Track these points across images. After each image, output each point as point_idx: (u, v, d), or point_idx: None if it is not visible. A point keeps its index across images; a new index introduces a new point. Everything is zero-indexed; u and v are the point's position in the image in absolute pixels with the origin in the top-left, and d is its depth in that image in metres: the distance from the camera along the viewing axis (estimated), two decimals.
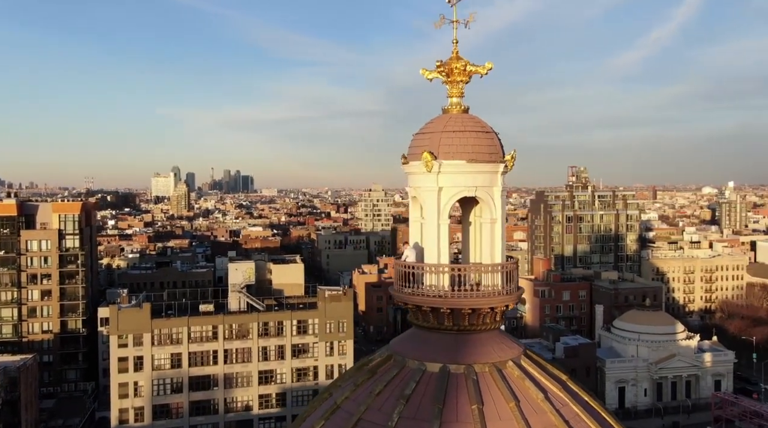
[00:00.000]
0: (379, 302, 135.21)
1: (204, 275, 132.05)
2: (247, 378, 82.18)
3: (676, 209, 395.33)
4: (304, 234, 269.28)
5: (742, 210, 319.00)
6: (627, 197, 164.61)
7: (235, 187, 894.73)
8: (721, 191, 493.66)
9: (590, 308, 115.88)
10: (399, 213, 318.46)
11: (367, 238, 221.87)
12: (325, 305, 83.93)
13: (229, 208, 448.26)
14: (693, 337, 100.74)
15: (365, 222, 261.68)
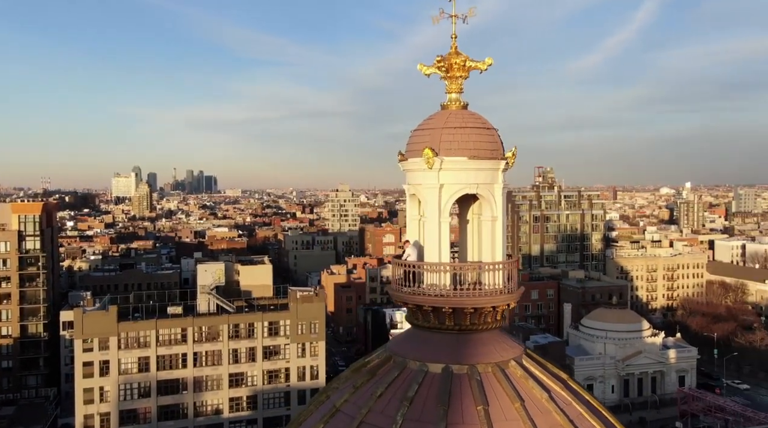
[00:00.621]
0: (348, 302, 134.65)
1: (170, 276, 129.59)
2: (218, 381, 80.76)
3: (635, 209, 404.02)
4: (270, 235, 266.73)
5: (700, 210, 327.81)
6: (592, 197, 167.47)
7: (198, 187, 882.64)
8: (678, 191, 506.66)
9: (558, 306, 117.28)
10: (365, 214, 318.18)
11: (334, 238, 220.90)
12: (296, 307, 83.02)
13: (192, 209, 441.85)
14: (658, 334, 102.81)
15: (332, 223, 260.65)
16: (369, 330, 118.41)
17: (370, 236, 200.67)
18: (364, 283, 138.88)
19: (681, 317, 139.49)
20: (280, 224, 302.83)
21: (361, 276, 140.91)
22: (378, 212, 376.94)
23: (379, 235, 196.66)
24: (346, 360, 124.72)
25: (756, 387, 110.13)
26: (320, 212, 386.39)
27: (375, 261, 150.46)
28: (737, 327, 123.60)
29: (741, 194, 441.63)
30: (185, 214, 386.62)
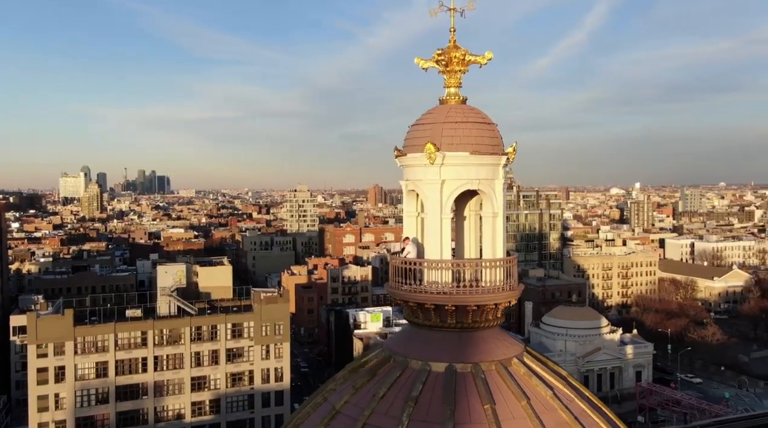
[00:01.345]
0: (309, 303, 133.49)
1: (126, 279, 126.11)
2: (179, 385, 78.81)
3: (587, 209, 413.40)
4: (227, 236, 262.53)
5: (649, 210, 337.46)
6: (550, 197, 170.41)
7: (151, 188, 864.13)
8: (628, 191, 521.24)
9: (519, 305, 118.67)
10: (323, 214, 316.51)
11: (293, 239, 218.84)
12: (260, 308, 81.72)
13: (145, 209, 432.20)
14: (616, 331, 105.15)
15: (290, 223, 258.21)
16: (332, 331, 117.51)
17: (330, 237, 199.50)
18: (325, 283, 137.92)
19: (635, 314, 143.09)
20: (236, 224, 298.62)
21: (322, 277, 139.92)
22: (336, 212, 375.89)
23: (339, 235, 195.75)
24: (309, 362, 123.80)
25: (708, 380, 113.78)
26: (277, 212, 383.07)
27: (336, 262, 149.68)
28: (689, 323, 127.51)
29: (687, 195, 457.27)
30: (138, 215, 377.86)
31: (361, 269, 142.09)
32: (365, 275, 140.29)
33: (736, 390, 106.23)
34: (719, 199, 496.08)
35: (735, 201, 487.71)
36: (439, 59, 17.23)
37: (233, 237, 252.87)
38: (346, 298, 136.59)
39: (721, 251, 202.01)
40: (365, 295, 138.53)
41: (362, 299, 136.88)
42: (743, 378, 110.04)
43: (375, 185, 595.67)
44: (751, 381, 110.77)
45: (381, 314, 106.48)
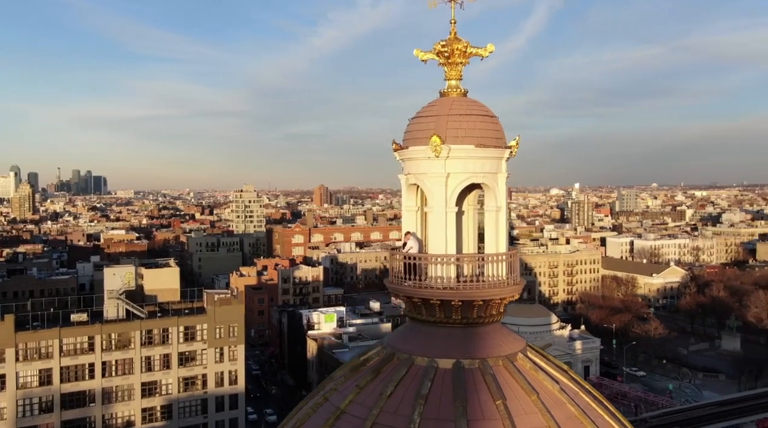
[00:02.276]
0: (260, 304, 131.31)
1: (66, 282, 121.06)
2: (129, 391, 76.03)
3: (529, 209, 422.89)
4: (170, 237, 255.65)
5: (589, 210, 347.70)
6: None
7: (86, 188, 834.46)
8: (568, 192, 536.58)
9: None
10: (269, 215, 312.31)
11: (240, 240, 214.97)
12: (214, 310, 79.76)
13: (81, 210, 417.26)
14: (565, 327, 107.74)
15: (237, 224, 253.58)
16: (284, 333, 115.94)
17: (279, 237, 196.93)
18: (276, 284, 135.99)
19: (581, 311, 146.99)
20: (180, 226, 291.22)
21: (272, 278, 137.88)
22: (281, 213, 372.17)
23: (288, 236, 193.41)
24: (260, 364, 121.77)
25: (650, 373, 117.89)
26: (221, 213, 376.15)
27: (287, 262, 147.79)
28: (632, 318, 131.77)
29: (624, 195, 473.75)
30: (73, 216, 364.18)
31: (313, 269, 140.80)
32: (316, 275, 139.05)
33: (679, 382, 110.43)
34: (652, 199, 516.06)
35: (667, 201, 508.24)
36: (442, 51, 16.96)
37: (177, 239, 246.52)
38: (297, 299, 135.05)
39: (658, 248, 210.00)
40: (317, 296, 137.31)
41: (314, 299, 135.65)
42: (685, 370, 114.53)
43: (320, 186, 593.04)
44: (691, 372, 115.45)
45: (335, 314, 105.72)
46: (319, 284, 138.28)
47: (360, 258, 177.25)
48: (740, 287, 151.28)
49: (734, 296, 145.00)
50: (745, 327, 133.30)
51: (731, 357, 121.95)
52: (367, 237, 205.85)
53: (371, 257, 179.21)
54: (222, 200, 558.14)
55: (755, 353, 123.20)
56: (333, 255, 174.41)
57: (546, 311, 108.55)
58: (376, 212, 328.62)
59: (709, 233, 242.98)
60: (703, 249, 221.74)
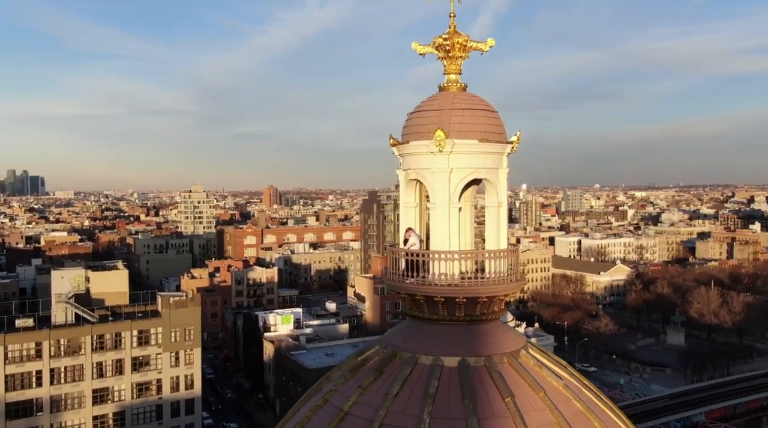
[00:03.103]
0: (213, 307, 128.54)
1: (7, 286, 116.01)
2: (79, 398, 73.12)
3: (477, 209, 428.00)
4: (115, 239, 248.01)
5: (537, 210, 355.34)
6: None
7: (23, 189, 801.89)
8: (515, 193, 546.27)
9: None
10: (217, 216, 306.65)
11: (190, 241, 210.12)
12: (169, 313, 77.58)
13: (17, 212, 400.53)
14: (520, 325, 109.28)
15: (186, 225, 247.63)
16: (239, 335, 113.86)
17: (230, 238, 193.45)
18: (229, 286, 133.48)
19: (533, 309, 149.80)
20: (125, 227, 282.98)
21: (225, 279, 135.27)
22: (230, 214, 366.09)
23: (240, 237, 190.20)
24: (214, 368, 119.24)
25: (601, 369, 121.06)
26: (167, 214, 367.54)
27: (240, 264, 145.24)
28: (583, 315, 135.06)
29: (569, 195, 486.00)
30: (9, 218, 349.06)
31: (267, 270, 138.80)
32: (271, 276, 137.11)
33: (629, 376, 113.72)
34: (596, 199, 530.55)
35: (609, 201, 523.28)
36: (442, 44, 16.73)
37: (123, 240, 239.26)
38: (251, 301, 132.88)
39: (604, 247, 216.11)
40: (271, 297, 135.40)
41: (268, 301, 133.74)
42: (635, 364, 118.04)
43: (270, 186, 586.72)
44: (640, 367, 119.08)
45: (291, 316, 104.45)
46: (273, 285, 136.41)
47: (314, 259, 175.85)
48: (682, 283, 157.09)
49: (677, 292, 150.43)
50: (688, 322, 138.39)
51: (676, 351, 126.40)
52: (320, 238, 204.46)
53: (325, 257, 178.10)
54: (168, 201, 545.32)
55: (698, 347, 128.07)
56: (287, 256, 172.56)
57: None
58: (328, 213, 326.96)
59: (652, 232, 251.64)
60: (646, 248, 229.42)
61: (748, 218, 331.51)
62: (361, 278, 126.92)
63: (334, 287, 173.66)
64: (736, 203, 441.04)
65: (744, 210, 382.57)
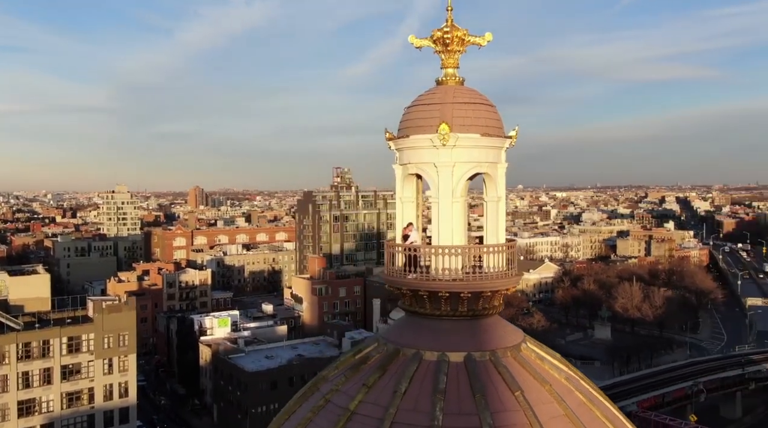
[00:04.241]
0: (143, 311, 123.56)
1: None
2: (3, 411, 68.62)
3: None
4: (31, 242, 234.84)
5: None
6: (387, 197, 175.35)
7: None
8: None
9: (365, 302, 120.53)
10: (142, 217, 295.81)
11: (114, 244, 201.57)
12: (102, 318, 74.04)
13: None
14: None
15: (109, 227, 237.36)
16: (172, 340, 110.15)
17: (158, 240, 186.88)
18: (160, 290, 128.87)
19: None
20: (41, 229, 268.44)
21: (156, 283, 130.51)
22: (155, 215, 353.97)
23: (169, 238, 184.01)
24: (146, 374, 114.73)
25: None
26: (86, 215, 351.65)
27: (171, 266, 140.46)
28: (516, 312, 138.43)
29: None
30: None
31: (200, 273, 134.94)
32: (204, 279, 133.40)
33: None
34: (520, 200, 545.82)
35: (533, 202, 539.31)
36: (441, 37, 16.64)
37: (40, 243, 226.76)
38: (184, 304, 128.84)
39: (532, 246, 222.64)
40: (204, 300, 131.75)
41: (201, 304, 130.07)
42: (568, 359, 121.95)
43: (195, 187, 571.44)
44: (571, 362, 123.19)
45: (228, 319, 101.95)
46: (207, 288, 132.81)
47: (248, 260, 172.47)
48: (607, 280, 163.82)
49: (602, 288, 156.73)
50: (613, 316, 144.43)
51: (603, 345, 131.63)
52: (252, 239, 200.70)
53: (259, 259, 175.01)
54: (86, 202, 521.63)
55: (623, 340, 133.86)
56: (219, 258, 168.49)
57: None
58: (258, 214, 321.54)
59: (576, 231, 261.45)
60: (571, 246, 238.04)
61: (662, 217, 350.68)
62: (299, 279, 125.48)
63: (268, 288, 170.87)
64: (649, 203, 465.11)
65: (657, 210, 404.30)
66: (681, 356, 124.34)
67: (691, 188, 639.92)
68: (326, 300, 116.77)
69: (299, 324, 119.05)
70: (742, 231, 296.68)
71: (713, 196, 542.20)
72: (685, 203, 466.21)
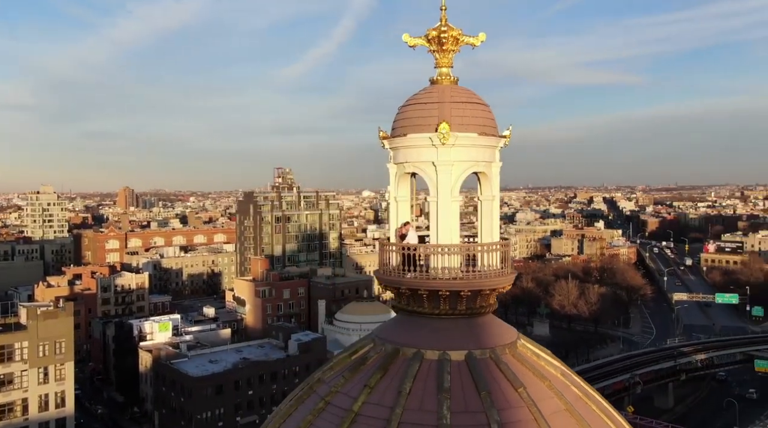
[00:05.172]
0: (76, 317, 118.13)
1: None
2: None
3: (345, 210, 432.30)
4: None
5: None
6: (329, 197, 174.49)
7: None
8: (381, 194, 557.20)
9: (309, 304, 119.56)
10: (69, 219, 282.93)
11: (41, 247, 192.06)
12: (36, 325, 70.42)
13: None
14: None
15: (33, 229, 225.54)
16: (109, 346, 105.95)
17: (90, 243, 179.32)
18: (94, 294, 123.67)
19: None
20: None
21: (89, 287, 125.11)
22: (82, 217, 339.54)
23: (102, 241, 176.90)
24: (80, 383, 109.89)
25: None
26: (5, 217, 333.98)
27: (106, 270, 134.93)
28: None
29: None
30: None
31: (137, 276, 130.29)
32: (141, 282, 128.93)
33: None
34: None
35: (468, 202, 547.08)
36: (437, 36, 16.70)
37: None
38: (119, 309, 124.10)
39: None
40: (142, 304, 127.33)
41: (138, 308, 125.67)
42: None
43: (125, 188, 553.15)
44: None
45: (170, 323, 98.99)
46: (144, 291, 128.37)
47: (186, 263, 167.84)
48: (544, 278, 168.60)
49: (540, 286, 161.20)
50: (551, 313, 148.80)
51: (543, 341, 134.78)
52: (190, 241, 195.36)
53: (198, 261, 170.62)
54: (5, 203, 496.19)
55: (561, 336, 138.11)
56: (156, 261, 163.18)
57: (386, 308, 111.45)
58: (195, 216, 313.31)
59: (513, 231, 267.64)
60: None
61: (591, 216, 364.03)
62: (241, 282, 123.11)
63: (207, 291, 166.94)
64: (579, 203, 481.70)
65: (586, 210, 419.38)
66: (615, 350, 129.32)
67: (617, 189, 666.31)
68: (270, 302, 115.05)
69: (242, 327, 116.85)
70: (665, 230, 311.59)
71: (637, 196, 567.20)
72: (611, 203, 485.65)
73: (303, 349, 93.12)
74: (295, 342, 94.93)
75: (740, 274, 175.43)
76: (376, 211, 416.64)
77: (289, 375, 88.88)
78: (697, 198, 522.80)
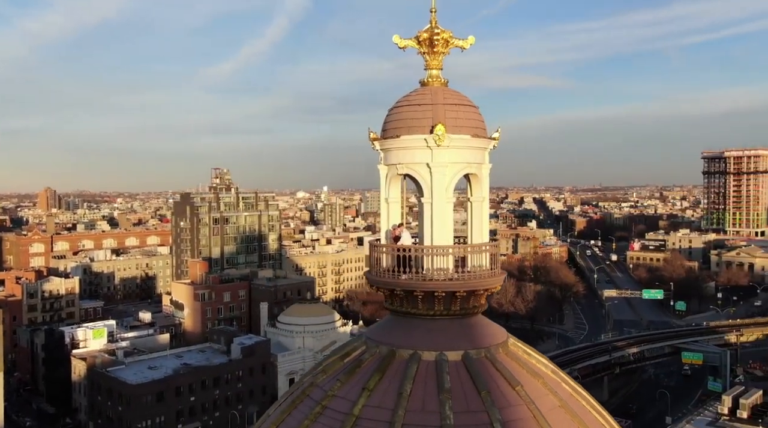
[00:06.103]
0: None
1: None
2: None
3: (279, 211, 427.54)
4: None
5: (340, 211, 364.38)
6: (268, 198, 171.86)
7: None
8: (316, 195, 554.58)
9: (250, 306, 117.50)
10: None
11: None
12: None
13: None
14: (347, 323, 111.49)
15: None
16: (37, 355, 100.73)
17: (11, 246, 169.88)
18: (19, 301, 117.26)
19: (349, 307, 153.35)
20: None
21: (14, 293, 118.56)
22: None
23: (25, 244, 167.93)
24: (8, 394, 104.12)
25: None
26: None
27: (31, 274, 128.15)
28: None
29: (368, 197, 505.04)
30: None
31: (67, 281, 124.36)
32: (71, 287, 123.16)
33: None
34: None
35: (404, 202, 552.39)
36: (429, 38, 16.81)
37: None
38: (48, 315, 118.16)
39: None
40: (71, 310, 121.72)
41: (68, 314, 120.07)
42: None
43: (47, 188, 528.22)
44: None
45: (105, 329, 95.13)
46: (74, 297, 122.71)
47: (118, 267, 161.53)
48: None
49: None
50: (490, 311, 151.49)
51: None
52: (121, 244, 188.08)
53: (131, 264, 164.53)
54: None
55: None
56: (86, 265, 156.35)
57: (329, 310, 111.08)
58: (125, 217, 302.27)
59: None
60: None
61: (523, 216, 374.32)
62: (179, 285, 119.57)
63: (141, 295, 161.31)
64: (510, 203, 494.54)
65: (518, 210, 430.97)
66: (551, 346, 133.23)
67: (546, 190, 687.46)
68: (210, 306, 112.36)
69: (181, 332, 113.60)
70: (592, 229, 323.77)
71: (565, 196, 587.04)
72: (541, 203, 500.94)
73: (246, 353, 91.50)
74: (238, 345, 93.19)
75: (663, 271, 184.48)
76: (311, 212, 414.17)
77: (232, 380, 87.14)
78: (620, 198, 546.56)
